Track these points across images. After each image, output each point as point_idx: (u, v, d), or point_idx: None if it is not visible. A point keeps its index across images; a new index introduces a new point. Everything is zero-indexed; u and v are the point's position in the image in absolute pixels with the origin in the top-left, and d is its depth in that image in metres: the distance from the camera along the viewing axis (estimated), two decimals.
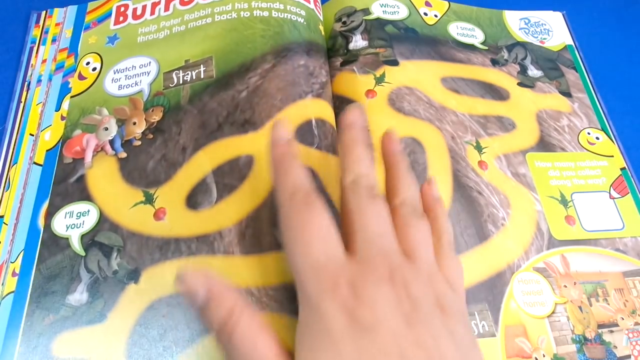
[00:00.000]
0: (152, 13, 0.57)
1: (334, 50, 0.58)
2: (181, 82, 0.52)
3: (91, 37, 0.57)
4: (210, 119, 0.49)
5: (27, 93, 0.54)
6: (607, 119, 0.59)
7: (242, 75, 0.51)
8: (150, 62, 0.54)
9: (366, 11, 0.61)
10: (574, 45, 0.65)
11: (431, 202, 0.43)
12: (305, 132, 0.48)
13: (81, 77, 0.54)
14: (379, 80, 0.55)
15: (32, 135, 0.51)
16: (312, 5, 0.58)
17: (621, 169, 0.56)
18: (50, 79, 0.55)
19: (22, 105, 0.53)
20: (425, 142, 0.52)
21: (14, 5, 0.61)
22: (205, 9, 0.56)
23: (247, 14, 0.55)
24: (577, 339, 0.46)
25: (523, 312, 0.46)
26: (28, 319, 0.41)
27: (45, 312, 0.42)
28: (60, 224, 0.46)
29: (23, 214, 0.47)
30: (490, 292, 0.46)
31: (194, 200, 0.45)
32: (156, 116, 0.50)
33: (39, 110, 0.53)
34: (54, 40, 0.57)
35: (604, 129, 0.58)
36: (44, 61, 0.56)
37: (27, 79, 0.55)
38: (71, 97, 0.53)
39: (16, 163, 0.50)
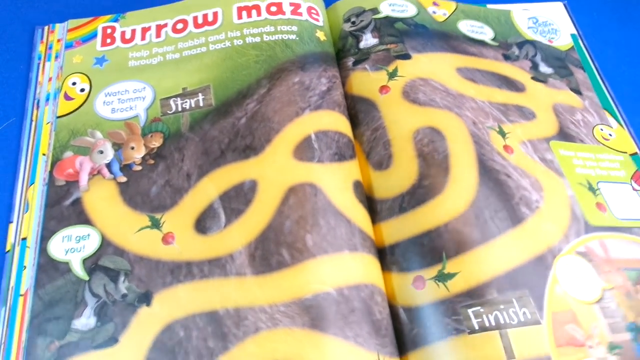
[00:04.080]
0: (143, 38, 0.57)
1: (345, 51, 0.58)
2: (180, 109, 0.52)
3: (75, 57, 0.55)
4: (213, 146, 0.49)
5: (37, 111, 0.53)
6: (619, 113, 0.59)
7: (240, 102, 0.52)
8: (145, 88, 0.53)
9: (375, 10, 0.60)
10: (577, 35, 0.65)
11: None
12: (305, 149, 0.48)
13: (67, 98, 0.52)
14: (392, 75, 0.54)
15: (45, 155, 0.50)
16: (305, 17, 0.57)
17: (631, 155, 0.55)
18: (55, 97, 0.53)
19: (34, 124, 0.52)
20: (445, 129, 0.50)
21: (19, 19, 0.60)
22: (199, 37, 0.56)
23: (240, 42, 0.55)
24: (631, 327, 0.43)
25: (571, 298, 0.43)
26: (30, 346, 0.41)
27: (50, 339, 0.41)
28: (58, 248, 0.44)
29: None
30: (531, 277, 0.43)
31: (202, 225, 0.46)
32: (156, 142, 0.50)
33: (50, 130, 0.51)
34: (57, 57, 0.56)
35: (616, 119, 0.58)
36: (50, 79, 0.54)
37: (36, 97, 0.54)
38: (58, 117, 0.51)
39: (33, 183, 0.48)
